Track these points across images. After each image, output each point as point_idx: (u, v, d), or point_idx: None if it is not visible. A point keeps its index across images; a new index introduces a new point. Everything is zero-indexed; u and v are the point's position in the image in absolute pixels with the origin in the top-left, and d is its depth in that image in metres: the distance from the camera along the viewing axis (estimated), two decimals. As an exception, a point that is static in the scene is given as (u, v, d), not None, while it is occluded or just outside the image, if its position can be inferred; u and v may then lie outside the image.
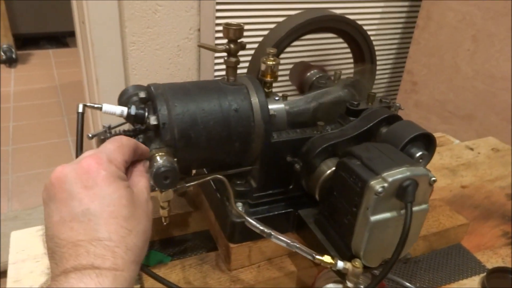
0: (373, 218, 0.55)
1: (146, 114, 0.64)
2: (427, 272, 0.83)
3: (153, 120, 0.61)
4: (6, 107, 2.88)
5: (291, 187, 0.76)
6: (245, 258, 0.75)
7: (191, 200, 0.93)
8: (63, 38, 4.30)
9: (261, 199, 0.75)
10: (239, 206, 0.71)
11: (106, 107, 0.63)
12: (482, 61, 1.56)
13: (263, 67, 0.71)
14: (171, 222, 0.90)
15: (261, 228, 0.61)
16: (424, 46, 1.78)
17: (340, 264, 0.58)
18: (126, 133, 0.68)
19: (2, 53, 3.67)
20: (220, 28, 1.53)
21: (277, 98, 0.74)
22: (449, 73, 1.75)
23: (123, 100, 0.74)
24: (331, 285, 0.69)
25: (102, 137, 0.67)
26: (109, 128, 0.82)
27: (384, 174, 0.54)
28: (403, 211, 0.56)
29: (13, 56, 3.70)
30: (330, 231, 0.66)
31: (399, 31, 1.97)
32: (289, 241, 0.60)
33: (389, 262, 0.54)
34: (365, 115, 0.75)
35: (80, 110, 0.61)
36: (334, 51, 1.66)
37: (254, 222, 0.61)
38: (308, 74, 0.94)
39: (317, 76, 0.93)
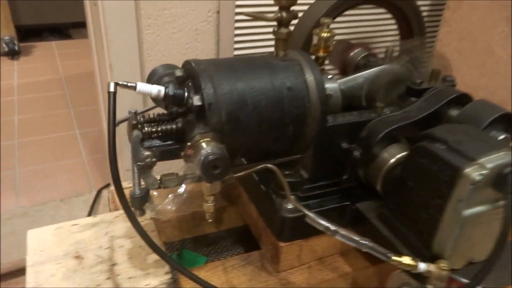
0: (467, 212, 0.46)
1: (186, 94, 0.56)
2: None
3: (196, 100, 0.53)
4: (10, 100, 2.80)
5: (345, 177, 0.68)
6: (295, 258, 0.67)
7: (225, 194, 0.85)
8: (66, 30, 4.20)
9: (313, 191, 0.66)
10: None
11: (141, 86, 0.55)
12: (517, 43, 1.48)
13: (315, 40, 0.63)
14: (203, 218, 0.82)
15: (326, 224, 0.52)
16: (455, 29, 1.69)
17: (423, 266, 0.50)
18: (161, 117, 0.60)
19: (4, 45, 3.57)
20: (241, 10, 1.45)
21: (330, 76, 0.65)
22: (482, 57, 1.66)
23: (152, 82, 0.65)
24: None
25: (134, 122, 0.58)
26: (136, 113, 0.74)
27: (482, 160, 0.45)
28: (498, 204, 0.47)
29: (16, 48, 3.61)
30: (399, 227, 0.58)
31: (426, 13, 1.88)
32: (359, 240, 0.51)
33: (487, 262, 0.45)
34: (429, 95, 0.66)
35: (112, 89, 0.53)
36: (372, 28, 1.54)
37: (317, 218, 0.53)
38: (352, 53, 0.85)
39: (362, 55, 0.84)
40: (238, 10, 1.39)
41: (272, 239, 0.66)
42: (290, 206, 0.62)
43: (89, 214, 1.77)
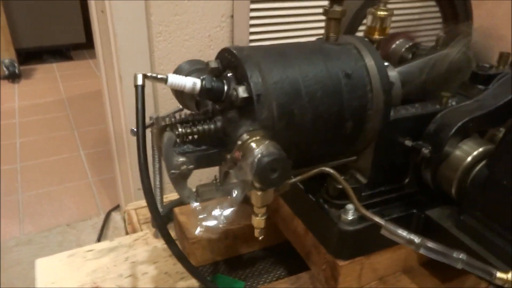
0: None
1: (226, 87, 0.47)
2: None
3: (242, 92, 0.44)
4: (11, 123, 2.73)
5: (407, 181, 0.59)
6: (354, 279, 0.57)
7: (257, 208, 0.76)
8: (67, 51, 4.16)
9: (372, 199, 0.57)
10: (351, 210, 0.53)
11: (173, 78, 0.46)
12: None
13: (370, 20, 0.54)
14: (235, 237, 0.72)
15: (408, 236, 0.43)
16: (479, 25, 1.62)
17: (538, 284, 0.40)
18: (195, 117, 0.51)
19: (5, 68, 3.52)
20: (256, 14, 1.37)
21: (386, 63, 0.56)
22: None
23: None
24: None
25: (163, 124, 0.49)
26: (157, 119, 0.65)
27: None
28: None
29: (16, 71, 3.55)
30: (487, 236, 0.48)
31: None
32: (453, 254, 0.41)
33: None
34: (502, 81, 0.57)
35: (140, 82, 0.44)
36: (407, 17, 1.45)
37: (397, 229, 0.43)
38: (394, 45, 0.77)
39: (406, 46, 0.75)
40: (252, 14, 1.32)
41: (327, 257, 0.56)
42: (350, 216, 0.53)
43: (99, 239, 1.67)
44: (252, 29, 1.36)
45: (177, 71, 0.61)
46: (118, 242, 0.75)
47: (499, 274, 0.40)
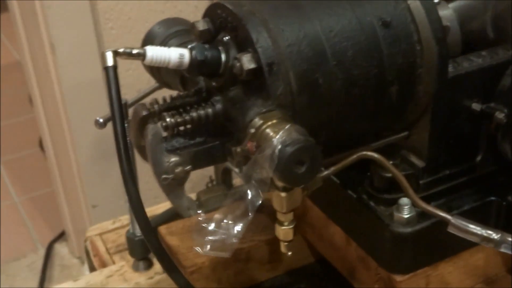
0: None
1: (224, 56, 0.54)
2: None
3: (247, 62, 0.51)
4: None
5: (479, 158, 0.66)
6: (419, 298, 0.65)
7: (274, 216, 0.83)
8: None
9: (435, 187, 0.65)
10: (406, 205, 0.60)
11: (153, 51, 0.52)
12: None
13: None
14: (248, 259, 0.80)
15: (484, 232, 0.50)
16: None
17: None
18: (185, 99, 0.58)
19: None
20: None
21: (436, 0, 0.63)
22: None
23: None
24: None
25: (144, 113, 0.56)
26: (126, 105, 0.72)
27: None
28: None
29: None
30: None
31: None
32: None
33: None
34: None
35: (110, 62, 0.50)
36: None
37: (470, 224, 0.50)
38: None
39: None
40: None
41: (380, 272, 0.64)
42: (406, 214, 0.60)
43: (42, 284, 1.75)
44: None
45: (149, 39, 0.68)
46: (85, 282, 0.83)
47: None
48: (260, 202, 0.50)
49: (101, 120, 0.73)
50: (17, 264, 1.90)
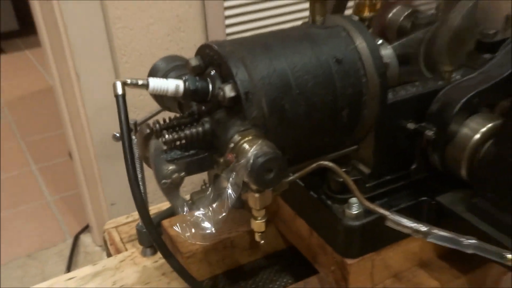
0: None
1: (211, 86, 0.56)
2: None
3: (229, 91, 0.52)
4: None
5: (414, 166, 0.67)
6: (367, 278, 0.66)
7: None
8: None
9: (378, 189, 0.66)
10: (355, 204, 0.62)
11: (154, 83, 0.54)
12: None
13: (358, -3, 0.63)
14: (234, 246, 0.81)
15: (414, 225, 0.52)
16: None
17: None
18: (180, 120, 0.59)
19: None
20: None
21: (380, 41, 0.65)
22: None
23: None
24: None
25: (148, 131, 0.58)
26: (135, 124, 0.74)
27: None
28: None
29: None
30: (501, 218, 0.57)
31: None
32: (462, 239, 0.51)
33: None
34: (508, 48, 0.66)
35: (120, 91, 0.52)
36: None
37: (402, 219, 0.52)
38: (390, 14, 0.85)
39: (405, 14, 0.84)
40: (225, -15, 1.39)
41: (335, 257, 0.65)
42: (354, 210, 0.62)
43: (69, 269, 1.75)
44: (227, 3, 1.44)
45: (153, 71, 0.70)
46: (102, 266, 0.83)
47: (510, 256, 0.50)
48: (235, 201, 0.51)
49: (117, 135, 0.75)
50: (48, 252, 1.90)
